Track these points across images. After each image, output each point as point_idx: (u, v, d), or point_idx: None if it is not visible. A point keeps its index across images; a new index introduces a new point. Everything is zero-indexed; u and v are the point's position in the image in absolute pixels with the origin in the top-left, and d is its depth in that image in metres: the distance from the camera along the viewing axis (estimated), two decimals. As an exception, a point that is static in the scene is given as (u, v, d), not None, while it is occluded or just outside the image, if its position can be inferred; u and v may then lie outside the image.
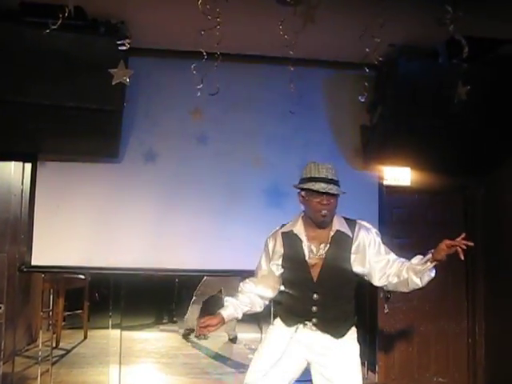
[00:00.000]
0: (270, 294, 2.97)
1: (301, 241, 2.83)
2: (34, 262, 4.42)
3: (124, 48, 3.53)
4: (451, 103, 3.82)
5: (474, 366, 5.30)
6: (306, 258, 2.80)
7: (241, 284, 3.03)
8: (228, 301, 2.93)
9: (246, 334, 6.73)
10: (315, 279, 2.78)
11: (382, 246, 2.89)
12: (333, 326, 2.81)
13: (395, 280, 2.83)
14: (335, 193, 2.72)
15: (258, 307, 2.97)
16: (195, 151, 4.62)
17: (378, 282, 2.87)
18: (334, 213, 2.82)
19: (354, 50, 3.57)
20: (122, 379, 4.78)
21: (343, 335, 2.82)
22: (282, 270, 2.90)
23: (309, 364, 2.90)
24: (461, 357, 5.32)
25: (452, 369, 5.29)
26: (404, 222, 5.25)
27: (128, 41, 3.52)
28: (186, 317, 6.63)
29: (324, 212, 2.73)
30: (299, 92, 3.64)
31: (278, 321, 2.95)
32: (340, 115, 4.74)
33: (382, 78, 4.21)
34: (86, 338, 6.52)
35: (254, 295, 2.95)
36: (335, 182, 2.76)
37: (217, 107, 4.41)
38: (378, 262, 2.84)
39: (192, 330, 6.53)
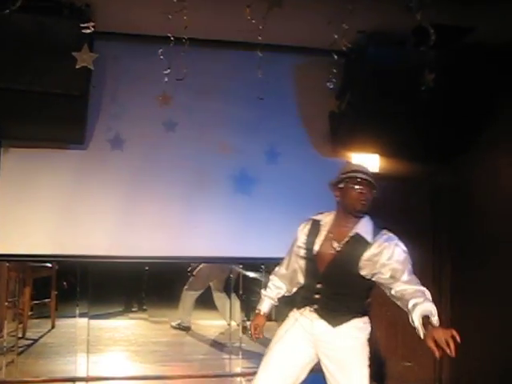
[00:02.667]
0: (296, 278, 3.11)
1: (319, 232, 2.94)
2: (-2, 251, 4.34)
3: (88, 31, 3.45)
4: (418, 90, 3.84)
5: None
6: (316, 249, 2.90)
7: (273, 272, 3.20)
8: (263, 294, 3.16)
9: (214, 322, 6.76)
10: (321, 270, 2.89)
11: (401, 270, 2.89)
12: (331, 314, 2.90)
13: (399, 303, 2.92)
14: (373, 183, 2.86)
15: (287, 291, 3.17)
16: (163, 137, 4.58)
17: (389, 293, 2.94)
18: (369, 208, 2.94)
19: (322, 36, 3.54)
20: (89, 368, 4.74)
21: (339, 324, 2.90)
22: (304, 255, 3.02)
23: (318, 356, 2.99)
24: (427, 341, 5.40)
25: (418, 353, 5.35)
26: (372, 209, 5.26)
27: (92, 24, 3.44)
28: (179, 314, 6.61)
29: (363, 201, 2.85)
30: (267, 78, 3.61)
31: (294, 308, 3.08)
32: (308, 101, 4.74)
33: (350, 64, 4.20)
34: (53, 327, 6.44)
35: (282, 280, 3.15)
36: (372, 177, 2.90)
37: (185, 93, 4.35)
38: (389, 277, 2.89)
39: (185, 328, 6.54)
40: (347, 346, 2.91)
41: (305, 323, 2.94)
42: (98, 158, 4.50)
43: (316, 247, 2.90)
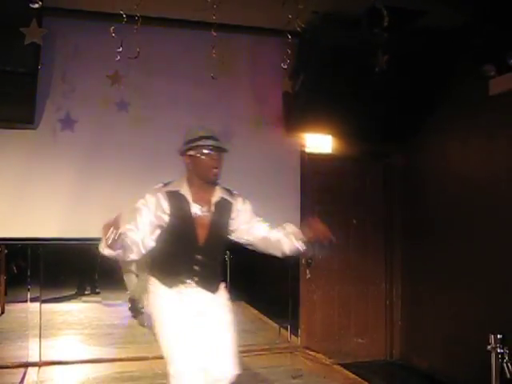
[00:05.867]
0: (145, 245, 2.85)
1: (188, 202, 2.85)
2: None
3: (36, 6, 3.34)
4: (372, 72, 3.89)
5: (391, 327, 5.54)
6: (194, 219, 2.84)
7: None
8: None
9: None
10: (200, 241, 2.85)
11: (253, 214, 3.02)
12: (210, 283, 2.93)
13: (266, 242, 2.97)
14: (225, 148, 2.83)
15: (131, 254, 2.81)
16: (115, 117, 4.50)
17: (245, 240, 3.02)
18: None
19: (277, 16, 3.54)
20: (42, 353, 4.66)
21: (218, 289, 2.96)
22: (163, 229, 2.84)
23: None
24: (379, 318, 5.54)
25: (371, 329, 5.51)
26: (325, 190, 5.35)
27: (40, -3, 3.33)
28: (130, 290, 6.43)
29: (215, 170, 2.81)
30: (221, 58, 3.58)
31: (156, 284, 2.92)
32: (262, 82, 4.74)
33: (304, 45, 4.22)
34: (3, 312, 6.32)
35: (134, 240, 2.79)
36: (219, 140, 2.85)
37: (137, 72, 4.29)
38: (248, 223, 2.98)
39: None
40: (225, 307, 2.97)
41: (186, 301, 2.86)
42: (49, 138, 4.39)
43: (192, 219, 2.83)
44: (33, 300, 5.01)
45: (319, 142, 5.00)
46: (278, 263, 3.54)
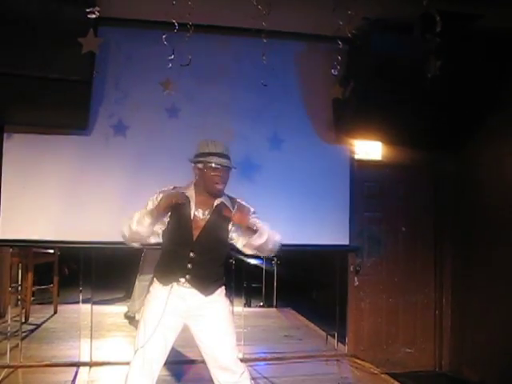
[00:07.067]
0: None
1: (189, 203, 3.04)
2: (1, 236, 4.36)
3: (93, 16, 3.43)
4: (424, 78, 3.83)
5: (441, 337, 5.43)
6: (191, 217, 3.02)
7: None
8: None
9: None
10: (194, 238, 3.01)
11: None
12: (204, 283, 3.03)
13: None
14: (229, 166, 3.04)
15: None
16: (166, 123, 4.58)
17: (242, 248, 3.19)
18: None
19: (327, 22, 3.53)
20: (93, 353, 4.76)
21: (212, 293, 3.04)
22: (166, 226, 3.07)
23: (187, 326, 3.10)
24: (428, 327, 5.44)
25: (419, 339, 5.42)
26: (375, 196, 5.31)
27: (97, 9, 3.42)
28: (132, 299, 6.18)
29: (218, 184, 3.01)
30: (272, 64, 3.59)
31: (155, 283, 3.10)
32: (312, 88, 4.74)
33: (354, 51, 4.19)
34: (55, 312, 6.46)
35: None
36: (228, 157, 3.05)
37: (188, 79, 4.34)
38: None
39: (130, 318, 6.19)
40: (219, 313, 3.06)
41: (176, 300, 2.98)
42: (101, 144, 4.51)
43: (191, 216, 3.02)
44: (84, 301, 5.13)
45: (369, 149, 4.96)
46: (326, 270, 3.53)
